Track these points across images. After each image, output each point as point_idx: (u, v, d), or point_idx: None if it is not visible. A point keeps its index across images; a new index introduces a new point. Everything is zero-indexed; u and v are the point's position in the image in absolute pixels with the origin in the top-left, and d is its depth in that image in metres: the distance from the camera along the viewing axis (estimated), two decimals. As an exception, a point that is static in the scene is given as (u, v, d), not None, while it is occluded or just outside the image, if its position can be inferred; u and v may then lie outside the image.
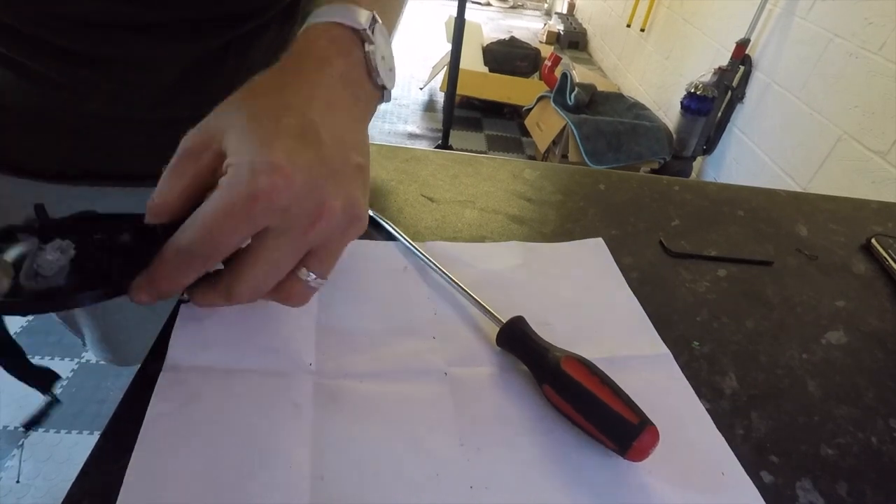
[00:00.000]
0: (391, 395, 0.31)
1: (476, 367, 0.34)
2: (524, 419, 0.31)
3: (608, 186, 0.55)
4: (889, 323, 0.44)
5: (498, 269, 0.42)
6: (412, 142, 2.49)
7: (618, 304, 0.41)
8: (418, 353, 0.34)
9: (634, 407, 0.29)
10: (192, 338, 0.31)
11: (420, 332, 0.35)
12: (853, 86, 1.58)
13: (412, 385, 0.32)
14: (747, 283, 0.45)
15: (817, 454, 0.32)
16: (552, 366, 0.31)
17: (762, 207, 0.56)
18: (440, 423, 0.30)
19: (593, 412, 0.29)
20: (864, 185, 1.49)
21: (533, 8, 5.20)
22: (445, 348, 0.35)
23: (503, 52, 3.06)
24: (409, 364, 0.33)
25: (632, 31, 3.27)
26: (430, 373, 0.33)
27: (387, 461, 0.28)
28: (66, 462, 1.22)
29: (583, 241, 0.46)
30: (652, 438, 0.28)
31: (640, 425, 0.28)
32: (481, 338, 0.36)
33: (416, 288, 0.39)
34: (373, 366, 0.33)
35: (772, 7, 1.99)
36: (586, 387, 0.29)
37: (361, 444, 0.28)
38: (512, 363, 0.34)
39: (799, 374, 0.38)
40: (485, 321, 0.36)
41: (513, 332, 0.34)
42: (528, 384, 0.33)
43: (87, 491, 0.25)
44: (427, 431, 0.30)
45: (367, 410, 0.30)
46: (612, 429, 0.29)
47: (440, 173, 0.53)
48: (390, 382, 0.32)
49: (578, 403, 0.30)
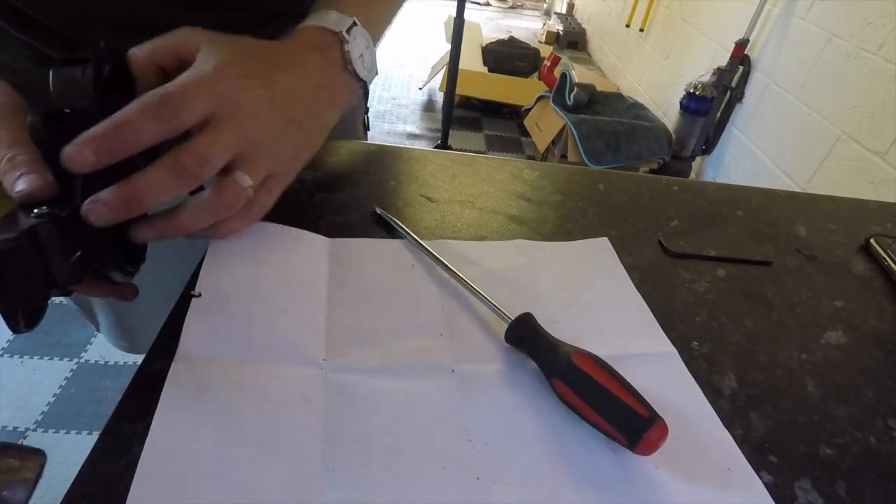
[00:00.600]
0: (400, 391, 0.31)
1: (484, 363, 0.34)
2: (532, 414, 0.31)
3: (607, 186, 0.56)
4: (888, 323, 0.44)
5: (503, 268, 0.42)
6: (411, 142, 2.49)
7: (624, 303, 0.41)
8: (426, 350, 0.34)
9: (644, 401, 0.29)
10: (203, 330, 0.32)
11: (428, 329, 0.36)
12: (852, 86, 1.58)
13: (420, 381, 0.32)
14: (746, 283, 0.45)
15: (816, 454, 0.32)
16: (563, 360, 0.31)
17: (761, 207, 0.56)
18: (448, 419, 0.30)
19: (604, 405, 0.29)
20: (864, 185, 1.50)
21: (532, 8, 5.20)
22: (453, 345, 0.35)
23: (502, 52, 3.06)
24: (417, 360, 0.34)
25: (631, 31, 3.27)
26: (438, 369, 0.33)
27: (396, 455, 0.28)
28: (64, 462, 1.21)
29: (588, 240, 0.47)
30: (661, 432, 0.28)
31: (651, 418, 0.28)
32: (489, 335, 0.36)
33: (423, 286, 0.39)
34: (382, 361, 0.33)
35: (771, 7, 1.99)
36: (597, 380, 0.30)
37: (371, 438, 0.29)
38: (520, 360, 0.34)
39: (798, 374, 0.38)
40: (492, 318, 0.37)
41: (522, 329, 0.34)
42: (536, 380, 0.33)
43: (85, 491, 0.25)
44: (436, 426, 0.30)
45: (376, 405, 0.30)
46: (622, 422, 0.29)
47: (439, 173, 0.53)
48: (399, 378, 0.32)
49: (589, 397, 0.30)
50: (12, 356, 1.43)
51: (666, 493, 0.29)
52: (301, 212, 0.44)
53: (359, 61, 0.41)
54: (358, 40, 0.41)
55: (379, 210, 0.45)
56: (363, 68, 0.42)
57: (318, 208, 0.46)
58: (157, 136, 0.30)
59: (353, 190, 0.49)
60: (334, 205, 0.46)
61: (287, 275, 0.37)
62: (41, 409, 1.32)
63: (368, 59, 0.43)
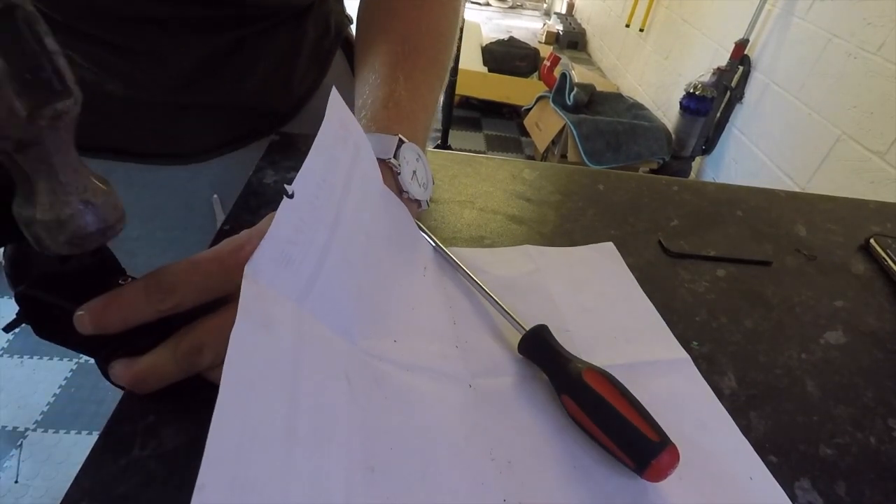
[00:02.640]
0: (428, 394, 0.31)
1: (499, 377, 0.34)
2: (550, 432, 0.31)
3: (607, 186, 0.56)
4: (888, 323, 0.44)
5: (513, 275, 0.41)
6: (411, 142, 2.49)
7: (634, 309, 0.40)
8: (444, 357, 0.34)
9: (655, 424, 0.28)
10: (280, 246, 0.26)
11: (443, 339, 0.35)
12: (852, 86, 1.58)
13: (443, 388, 0.32)
14: (746, 283, 0.46)
15: (816, 454, 0.32)
16: (574, 377, 0.30)
17: (761, 207, 0.56)
18: (473, 434, 0.30)
19: (612, 427, 0.28)
20: (863, 185, 1.50)
21: (532, 8, 5.20)
22: (468, 358, 0.34)
23: (502, 52, 3.06)
24: (436, 365, 0.33)
25: (631, 31, 3.27)
26: (456, 380, 0.32)
27: (431, 465, 0.27)
28: (64, 462, 1.22)
29: (594, 245, 0.46)
30: (671, 459, 0.27)
31: (661, 444, 0.27)
32: (503, 345, 0.36)
33: (435, 292, 0.38)
34: (406, 357, 0.32)
35: (770, 7, 1.99)
36: (607, 400, 0.29)
37: (406, 440, 0.28)
38: (533, 372, 0.34)
39: (798, 374, 0.38)
40: (506, 327, 0.36)
41: (535, 341, 0.33)
42: (550, 395, 0.33)
43: (85, 491, 0.25)
44: (463, 442, 0.29)
45: (408, 403, 0.29)
46: (630, 446, 0.28)
47: (439, 173, 0.53)
48: (424, 379, 0.31)
49: (598, 417, 0.29)
50: (12, 356, 1.43)
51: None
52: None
53: (412, 183, 0.37)
54: (407, 158, 0.37)
55: None
56: (419, 187, 0.38)
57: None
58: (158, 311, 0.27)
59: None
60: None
61: (365, 222, 0.33)
62: (41, 409, 1.32)
63: (422, 175, 0.38)
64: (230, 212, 0.43)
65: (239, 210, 0.44)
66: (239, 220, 0.43)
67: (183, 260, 0.27)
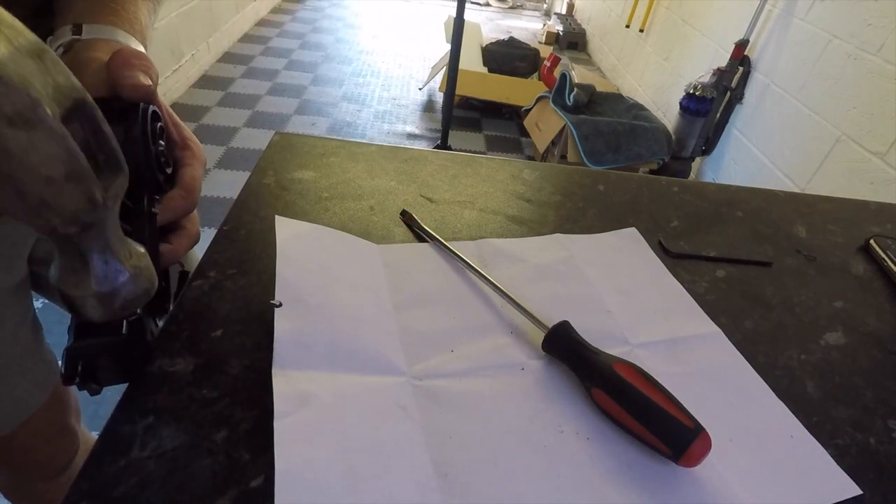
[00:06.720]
0: (484, 392, 0.32)
1: (550, 357, 0.35)
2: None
3: (607, 187, 0.56)
4: (887, 323, 0.44)
5: (549, 263, 0.43)
6: (411, 142, 2.49)
7: (664, 288, 0.43)
8: (498, 349, 0.35)
9: (688, 412, 0.29)
10: (292, 342, 0.31)
11: (496, 328, 0.37)
12: (852, 87, 1.58)
13: (499, 380, 0.33)
14: (746, 283, 0.45)
15: (816, 455, 0.32)
16: (605, 370, 0.31)
17: (761, 208, 0.56)
18: (537, 414, 0.31)
19: (647, 416, 0.29)
20: (863, 186, 1.49)
21: (532, 8, 5.20)
22: (523, 343, 0.36)
23: (502, 52, 3.06)
24: (491, 360, 0.34)
25: (631, 31, 3.27)
26: (511, 367, 0.34)
27: (501, 453, 0.29)
28: (64, 462, 1.21)
29: (618, 231, 0.48)
30: (705, 445, 0.28)
31: (695, 430, 0.28)
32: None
33: (476, 287, 0.40)
34: (459, 364, 0.34)
35: (771, 8, 1.99)
36: (641, 390, 0.29)
37: (472, 440, 0.29)
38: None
39: (798, 375, 0.38)
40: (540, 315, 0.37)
41: (559, 338, 0.34)
42: (577, 389, 0.34)
43: (85, 491, 0.25)
44: (528, 423, 0.31)
45: (467, 407, 0.31)
46: (666, 433, 0.28)
47: (439, 174, 0.53)
48: (479, 378, 0.33)
49: (632, 407, 0.29)
50: (12, 356, 1.42)
51: (739, 466, 0.30)
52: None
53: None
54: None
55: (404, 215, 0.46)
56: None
57: (321, 204, 0.46)
58: None
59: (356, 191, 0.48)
60: (335, 206, 0.46)
61: (354, 280, 0.37)
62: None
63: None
64: (230, 212, 0.43)
65: (239, 210, 0.44)
66: (239, 220, 0.43)
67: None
